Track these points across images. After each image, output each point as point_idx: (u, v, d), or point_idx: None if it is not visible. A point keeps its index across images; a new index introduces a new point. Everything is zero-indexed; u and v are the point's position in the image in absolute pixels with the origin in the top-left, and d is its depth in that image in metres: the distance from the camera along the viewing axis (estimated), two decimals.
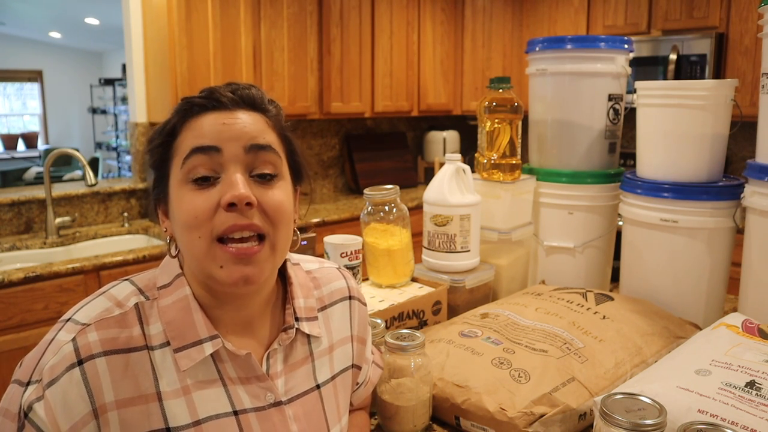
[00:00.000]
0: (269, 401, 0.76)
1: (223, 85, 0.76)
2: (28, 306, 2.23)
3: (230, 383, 0.74)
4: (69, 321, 0.71)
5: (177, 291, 0.74)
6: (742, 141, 3.35)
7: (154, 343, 0.71)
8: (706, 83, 1.40)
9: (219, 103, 0.73)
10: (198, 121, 0.72)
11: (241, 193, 0.68)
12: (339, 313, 0.88)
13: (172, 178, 0.73)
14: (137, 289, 0.75)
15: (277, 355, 0.79)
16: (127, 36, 3.13)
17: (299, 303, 0.82)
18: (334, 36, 3.52)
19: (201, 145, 0.70)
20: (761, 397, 0.87)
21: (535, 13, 3.88)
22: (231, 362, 0.74)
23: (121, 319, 0.71)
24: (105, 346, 0.69)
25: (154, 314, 0.73)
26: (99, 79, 9.08)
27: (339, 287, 0.89)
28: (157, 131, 0.76)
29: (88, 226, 2.97)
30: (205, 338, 0.73)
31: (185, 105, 0.74)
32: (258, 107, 0.75)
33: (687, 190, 1.38)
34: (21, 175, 7.69)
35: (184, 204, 0.70)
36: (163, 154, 0.74)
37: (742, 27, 3.09)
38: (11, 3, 7.03)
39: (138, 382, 0.69)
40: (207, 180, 0.70)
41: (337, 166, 4.10)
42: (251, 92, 0.75)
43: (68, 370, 0.67)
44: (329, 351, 0.85)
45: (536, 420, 0.96)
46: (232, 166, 0.70)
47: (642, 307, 1.33)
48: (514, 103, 1.55)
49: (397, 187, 1.43)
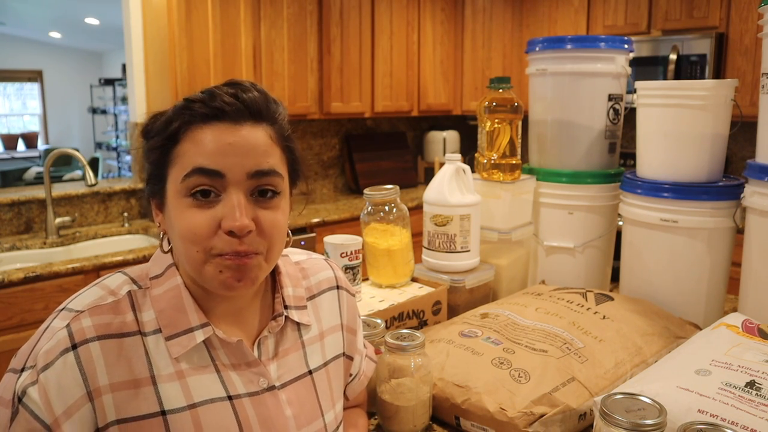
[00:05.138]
0: (263, 386, 0.77)
1: (225, 84, 0.74)
2: (28, 306, 2.23)
3: (223, 369, 0.75)
4: (63, 310, 0.72)
5: (169, 281, 0.75)
6: (742, 141, 3.35)
7: (146, 329, 0.72)
8: (706, 83, 1.40)
9: (223, 114, 0.71)
10: (202, 132, 0.71)
11: (242, 224, 0.69)
12: (327, 302, 0.89)
13: (170, 184, 0.73)
14: (130, 279, 0.76)
15: (267, 342, 0.80)
16: (127, 36, 3.13)
17: (288, 292, 0.84)
18: (334, 36, 3.52)
19: (204, 167, 0.70)
20: (761, 397, 0.87)
21: (535, 13, 3.88)
22: (223, 349, 0.76)
23: (114, 306, 0.72)
24: (99, 331, 0.70)
25: (146, 302, 0.74)
26: (99, 79, 9.08)
27: (326, 277, 0.91)
28: (156, 128, 0.74)
29: (88, 226, 2.97)
30: (196, 326, 0.74)
31: (186, 110, 0.72)
32: (262, 116, 0.74)
33: (687, 190, 1.38)
34: (21, 175, 7.69)
35: (185, 219, 0.70)
36: (161, 156, 0.74)
37: (742, 27, 3.09)
38: (11, 3, 7.03)
39: (132, 365, 0.70)
40: (208, 195, 0.70)
41: (337, 166, 4.10)
42: (255, 97, 0.73)
43: (62, 355, 0.68)
44: (320, 338, 0.86)
45: (536, 420, 0.96)
46: (234, 189, 0.70)
47: (642, 307, 1.33)
48: (514, 103, 1.55)
49: (397, 187, 1.43)
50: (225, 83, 0.75)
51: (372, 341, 1.09)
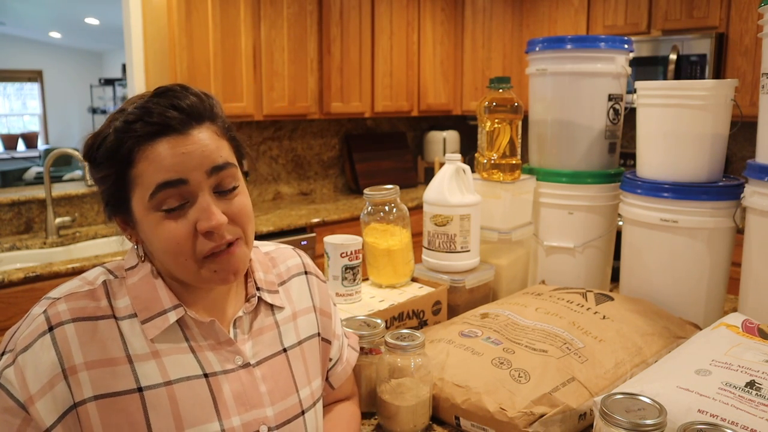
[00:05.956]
0: (238, 363, 0.80)
1: (156, 96, 0.74)
2: (28, 306, 2.21)
3: (199, 349, 0.78)
4: (43, 299, 0.76)
5: (142, 270, 0.79)
6: (742, 141, 3.35)
7: (120, 314, 0.76)
8: (706, 83, 1.40)
9: (169, 127, 0.72)
10: (154, 149, 0.72)
11: (217, 222, 0.73)
12: (297, 286, 0.93)
13: (136, 204, 0.74)
14: (107, 271, 0.80)
15: (243, 322, 0.84)
16: (127, 36, 3.13)
17: (259, 276, 0.88)
18: (334, 36, 3.52)
19: (167, 180, 0.72)
20: (761, 397, 0.87)
21: (535, 13, 3.88)
22: (197, 329, 0.79)
23: (89, 293, 0.76)
24: (73, 314, 0.73)
25: (122, 291, 0.77)
26: (99, 79, 9.08)
27: (294, 263, 0.95)
28: (103, 154, 0.73)
29: (88, 226, 2.97)
30: (168, 308, 0.77)
31: (128, 131, 0.71)
32: (203, 117, 0.76)
33: (687, 190, 1.38)
34: (21, 175, 7.69)
35: (163, 233, 0.74)
36: (117, 181, 0.74)
37: (742, 27, 3.09)
38: (11, 3, 7.03)
39: (106, 346, 0.73)
40: (177, 205, 0.73)
41: (337, 166, 4.10)
42: (192, 101, 0.75)
43: (40, 337, 0.71)
44: (293, 318, 0.90)
45: (536, 420, 0.96)
46: (200, 192, 0.74)
47: (642, 307, 1.33)
48: (514, 103, 1.55)
49: (397, 187, 1.43)
50: (154, 93, 0.75)
51: (372, 341, 1.09)
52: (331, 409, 0.99)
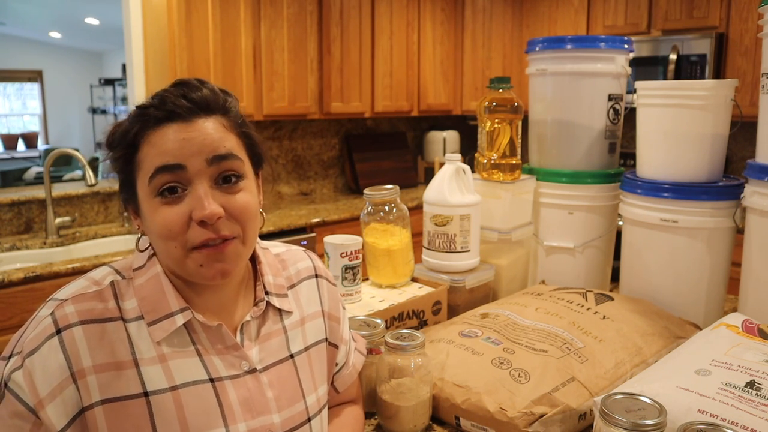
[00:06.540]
0: (244, 369, 0.79)
1: (173, 87, 0.76)
2: (28, 306, 2.23)
3: (205, 353, 0.77)
4: (50, 300, 0.75)
5: (150, 270, 0.78)
6: (742, 141, 3.35)
7: (128, 316, 0.75)
8: (706, 83, 1.40)
9: (175, 114, 0.73)
10: (158, 134, 0.73)
11: (211, 212, 0.72)
12: (306, 290, 0.92)
13: (140, 189, 0.75)
14: (114, 271, 0.79)
15: (250, 327, 0.82)
16: (127, 36, 3.13)
17: (269, 279, 0.86)
18: (334, 36, 3.52)
19: (165, 164, 0.72)
20: (761, 397, 0.87)
21: (535, 13, 3.88)
22: (204, 333, 0.78)
23: (97, 295, 0.75)
24: (81, 317, 0.72)
25: (129, 292, 0.77)
26: (99, 79, 9.08)
27: (305, 266, 0.94)
28: (116, 139, 0.76)
29: (88, 226, 2.97)
30: (176, 311, 0.76)
31: (141, 117, 0.74)
32: (214, 109, 0.76)
33: (687, 190, 1.38)
34: (21, 175, 7.69)
35: (158, 218, 0.73)
36: (125, 165, 0.76)
37: (742, 27, 3.09)
38: (11, 3, 7.03)
39: (114, 349, 0.72)
40: (175, 192, 0.73)
41: (337, 166, 4.10)
42: (204, 94, 0.76)
43: (47, 340, 0.70)
44: (301, 323, 0.88)
45: (536, 420, 0.96)
46: (197, 179, 0.73)
47: (642, 307, 1.33)
48: (514, 103, 1.55)
49: (397, 187, 1.43)
50: (173, 84, 0.77)
51: (372, 341, 1.09)
52: (336, 413, 0.98)
